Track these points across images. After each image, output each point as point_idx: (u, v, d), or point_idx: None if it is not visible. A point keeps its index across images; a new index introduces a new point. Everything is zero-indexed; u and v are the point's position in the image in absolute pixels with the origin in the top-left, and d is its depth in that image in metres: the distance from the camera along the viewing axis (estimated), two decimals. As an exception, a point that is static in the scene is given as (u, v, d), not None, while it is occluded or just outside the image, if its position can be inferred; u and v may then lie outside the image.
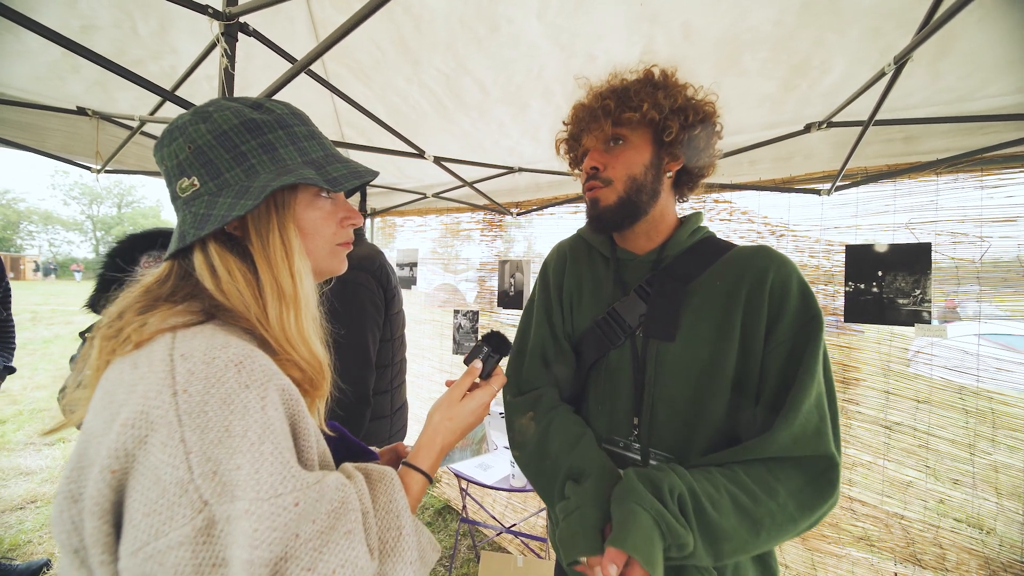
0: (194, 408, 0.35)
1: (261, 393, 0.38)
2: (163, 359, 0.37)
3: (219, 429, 0.36)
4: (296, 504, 0.36)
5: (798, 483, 0.61)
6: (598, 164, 0.75)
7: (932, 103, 1.30)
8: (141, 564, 0.33)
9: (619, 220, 0.75)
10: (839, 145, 1.53)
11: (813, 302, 0.67)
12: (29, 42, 1.37)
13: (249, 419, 0.37)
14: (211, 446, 0.35)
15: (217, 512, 0.35)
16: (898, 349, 1.52)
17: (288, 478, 0.37)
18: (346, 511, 0.41)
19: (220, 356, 0.38)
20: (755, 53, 1.25)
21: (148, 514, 0.34)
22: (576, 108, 0.80)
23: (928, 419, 1.45)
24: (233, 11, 0.99)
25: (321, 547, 0.37)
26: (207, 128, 0.46)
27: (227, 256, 0.46)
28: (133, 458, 0.35)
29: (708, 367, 0.69)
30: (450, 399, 0.62)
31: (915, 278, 1.43)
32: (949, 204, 1.43)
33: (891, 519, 1.48)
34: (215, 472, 0.35)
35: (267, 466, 0.36)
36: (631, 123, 0.72)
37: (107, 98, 1.66)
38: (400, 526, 0.46)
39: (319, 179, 0.47)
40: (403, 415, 1.59)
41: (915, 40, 0.84)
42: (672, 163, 0.76)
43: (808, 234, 1.68)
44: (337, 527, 0.39)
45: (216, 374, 0.37)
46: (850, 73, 1.23)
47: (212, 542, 0.34)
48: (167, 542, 0.33)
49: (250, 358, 0.40)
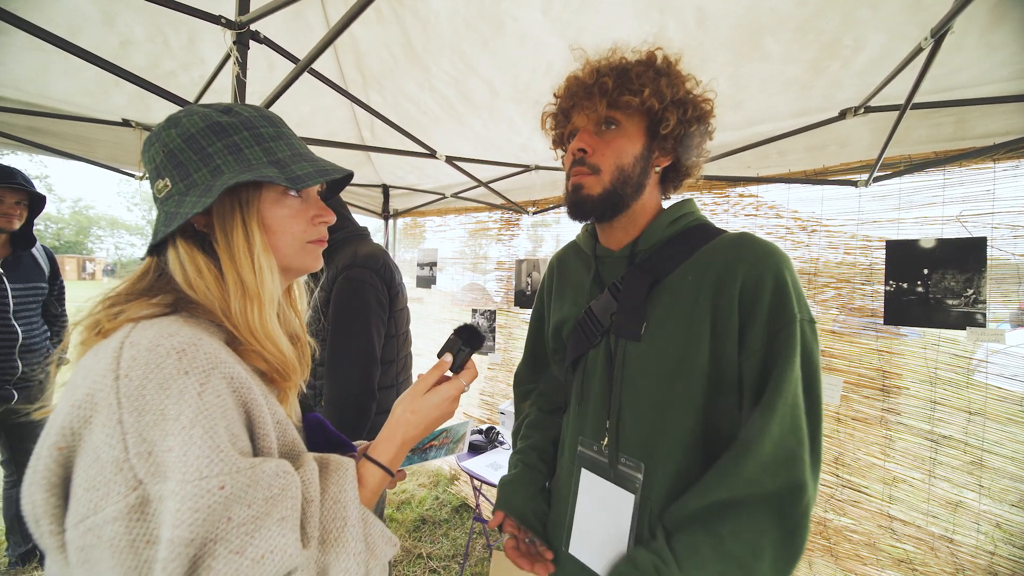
0: (133, 391, 0.37)
1: (200, 380, 0.40)
2: (115, 347, 0.40)
3: (155, 412, 0.37)
4: (222, 487, 0.37)
5: (773, 545, 0.55)
6: (587, 147, 0.69)
7: (986, 80, 1.16)
8: (82, 536, 0.36)
9: (599, 211, 0.71)
10: (879, 132, 1.40)
11: (790, 302, 0.59)
12: (77, 60, 1.49)
13: (184, 403, 0.38)
14: (147, 428, 0.37)
15: (151, 491, 0.36)
16: (947, 355, 1.38)
17: (216, 462, 0.37)
18: (284, 498, 0.41)
19: (164, 344, 0.40)
20: (778, 35, 1.16)
21: (88, 489, 0.36)
22: (570, 80, 0.73)
23: (982, 433, 1.30)
24: (244, 19, 1.03)
25: (253, 532, 0.38)
26: (177, 132, 0.48)
27: (194, 252, 0.48)
28: (80, 437, 0.37)
29: (674, 370, 0.64)
30: (415, 392, 0.61)
31: (967, 276, 1.29)
32: (1008, 194, 1.28)
33: (937, 541, 1.34)
34: (150, 453, 0.37)
35: (195, 449, 0.37)
36: (628, 108, 0.67)
37: (147, 109, 1.78)
38: (346, 516, 0.47)
39: (279, 177, 0.49)
40: None
41: (954, 7, 0.75)
42: (662, 158, 0.71)
43: (843, 229, 1.56)
44: (272, 513, 0.40)
45: (156, 360, 0.39)
46: (888, 50, 1.12)
47: (146, 519, 0.36)
48: (104, 516, 0.35)
49: (194, 346, 0.41)
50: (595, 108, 0.68)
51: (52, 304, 1.99)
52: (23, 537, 1.97)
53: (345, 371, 1.25)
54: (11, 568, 1.96)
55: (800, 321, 0.59)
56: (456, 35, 1.42)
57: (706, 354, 0.62)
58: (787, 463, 0.55)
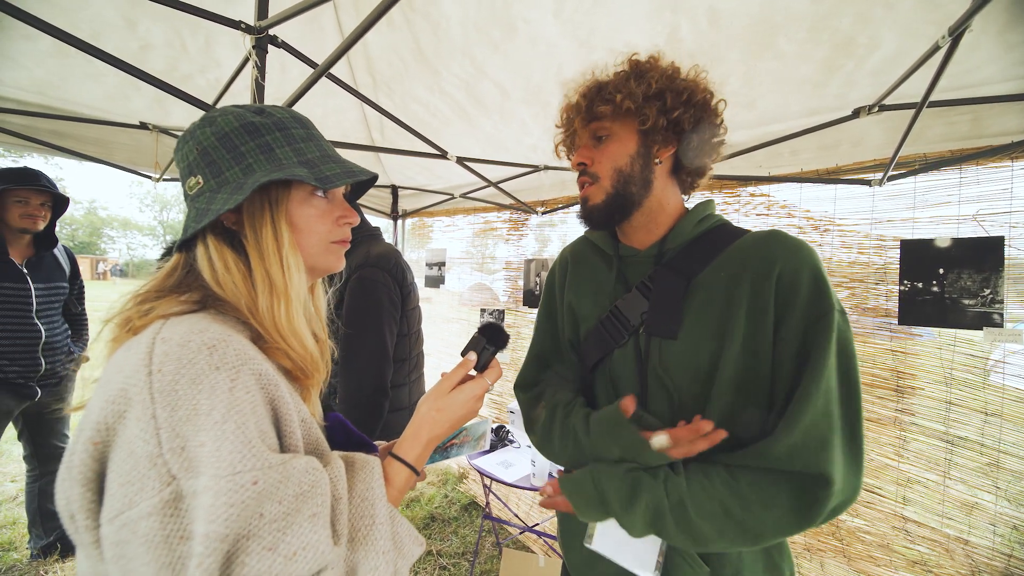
0: (166, 387, 0.37)
1: (231, 375, 0.40)
2: (147, 342, 0.40)
3: (188, 407, 0.37)
4: (255, 483, 0.37)
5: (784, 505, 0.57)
6: (585, 159, 0.74)
7: (1004, 78, 1.15)
8: (117, 531, 0.36)
9: (609, 215, 0.73)
10: (893, 130, 1.39)
11: (828, 295, 0.60)
12: (99, 65, 1.53)
13: (216, 399, 0.38)
14: (179, 423, 0.37)
15: (184, 486, 0.36)
16: (963, 355, 1.36)
17: (248, 457, 0.38)
18: (314, 495, 0.41)
19: (195, 339, 0.40)
20: (791, 34, 1.16)
21: (123, 484, 0.36)
22: (562, 111, 0.80)
23: (999, 434, 1.29)
24: (263, 24, 1.05)
25: (285, 528, 0.38)
26: (211, 131, 0.50)
27: (224, 249, 0.49)
28: (114, 432, 0.38)
29: (709, 366, 0.65)
30: (440, 390, 0.61)
31: (984, 276, 1.28)
32: (1026, 193, 1.26)
33: (952, 543, 1.33)
34: (183, 448, 0.37)
35: (228, 444, 0.37)
36: (606, 116, 0.71)
37: (164, 112, 1.82)
38: (374, 514, 0.47)
39: (309, 176, 0.49)
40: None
41: (972, 6, 0.74)
42: (663, 150, 0.72)
43: (856, 228, 1.55)
44: (302, 510, 0.40)
45: (188, 356, 0.39)
46: (903, 49, 1.11)
47: (179, 515, 0.36)
48: (138, 511, 0.35)
49: (224, 342, 0.41)
50: (585, 127, 0.74)
51: (72, 303, 2.03)
52: (45, 530, 2.02)
53: (359, 369, 1.27)
54: (33, 560, 2.01)
55: (836, 311, 0.60)
56: (467, 39, 1.43)
57: (738, 349, 0.63)
58: (816, 448, 0.56)
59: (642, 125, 0.69)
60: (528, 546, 2.35)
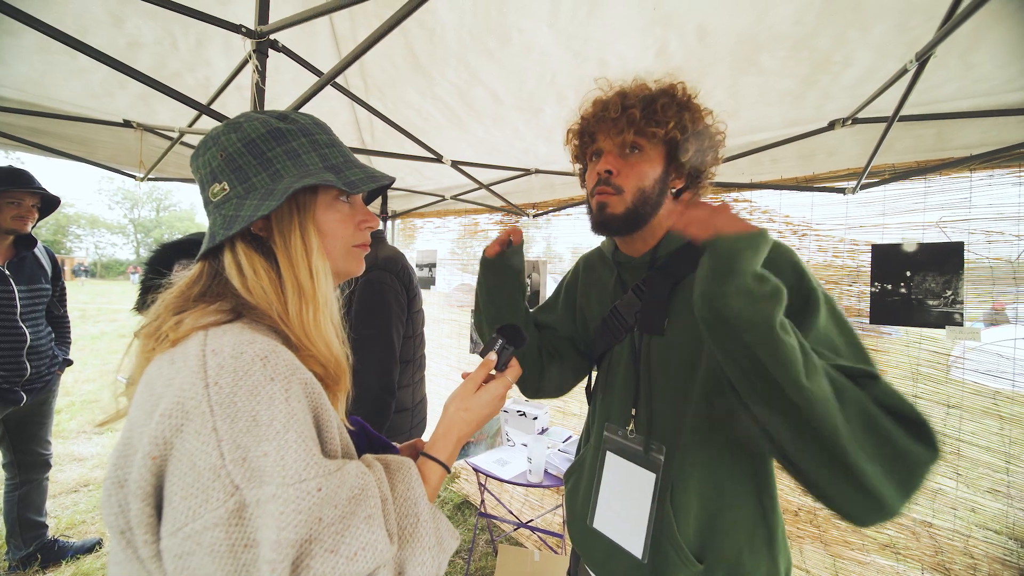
0: (224, 399, 0.38)
1: (285, 385, 0.41)
2: (196, 354, 0.40)
3: (247, 418, 0.38)
4: (319, 489, 0.39)
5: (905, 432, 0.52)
6: (613, 168, 0.75)
7: (965, 95, 1.25)
8: (181, 543, 0.36)
9: (622, 228, 0.77)
10: (865, 142, 1.48)
11: (810, 281, 0.63)
12: (84, 62, 1.49)
13: (275, 409, 0.39)
14: (240, 434, 0.37)
15: (247, 496, 0.37)
16: (927, 352, 1.47)
17: (311, 465, 0.39)
18: (366, 497, 0.43)
19: (247, 351, 0.41)
20: (774, 52, 1.23)
21: (185, 497, 0.36)
22: (596, 103, 0.79)
23: (959, 425, 1.39)
24: (264, 29, 1.05)
25: (343, 531, 0.39)
26: (237, 137, 0.49)
27: (253, 255, 0.49)
28: (171, 445, 0.38)
29: (694, 360, 0.71)
30: (465, 391, 0.63)
31: (946, 278, 1.38)
32: (983, 201, 1.37)
33: (919, 527, 1.43)
34: (244, 459, 0.37)
35: (291, 453, 0.38)
36: (653, 137, 0.73)
37: (149, 111, 1.78)
38: (418, 513, 0.48)
39: (338, 182, 0.50)
40: (423, 409, 1.66)
41: (936, 36, 0.82)
42: (678, 180, 0.78)
43: (832, 233, 1.64)
44: (357, 512, 0.41)
45: (244, 367, 0.39)
46: (875, 67, 1.20)
47: (243, 524, 0.37)
48: (203, 523, 0.36)
49: (275, 353, 0.42)
50: (621, 134, 0.74)
51: (55, 305, 1.97)
52: (24, 541, 1.95)
53: (368, 370, 1.29)
54: (11, 572, 1.94)
55: (821, 292, 0.63)
56: (462, 46, 1.46)
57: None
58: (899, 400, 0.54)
59: (682, 156, 0.73)
60: (521, 542, 2.40)
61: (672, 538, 0.70)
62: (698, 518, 0.70)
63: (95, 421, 3.88)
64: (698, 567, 0.69)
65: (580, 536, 0.85)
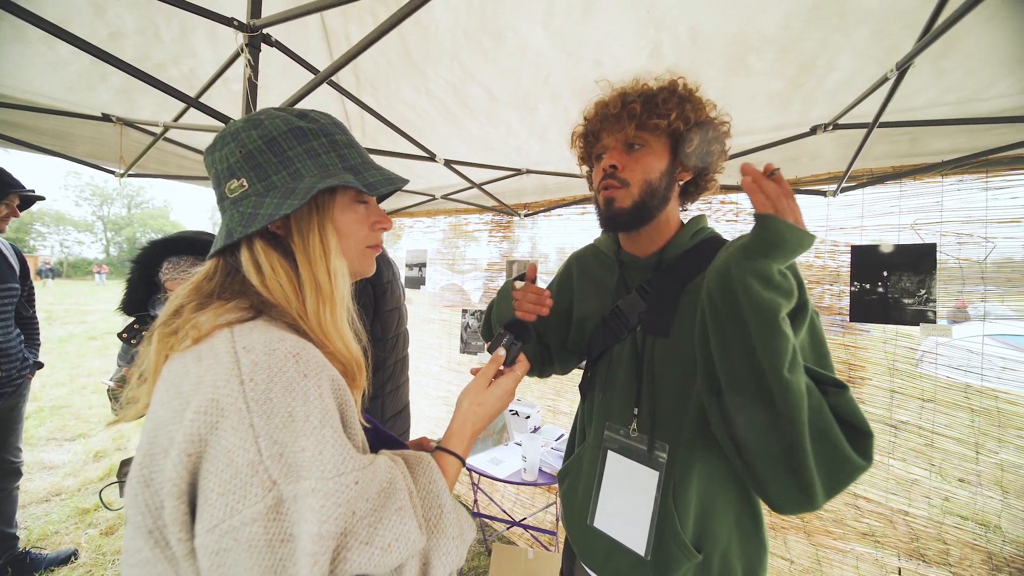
0: (260, 395, 0.38)
1: (317, 382, 0.41)
2: (227, 351, 0.40)
3: (283, 414, 0.38)
4: (356, 483, 0.40)
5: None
6: (617, 163, 0.76)
7: (938, 103, 1.31)
8: (218, 540, 0.36)
9: (630, 222, 0.78)
10: (845, 147, 1.54)
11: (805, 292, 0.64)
12: (62, 53, 1.43)
13: (310, 405, 0.40)
14: (276, 430, 0.38)
15: (284, 491, 0.37)
16: (904, 348, 1.54)
17: (348, 459, 0.40)
18: (395, 491, 0.44)
19: (279, 348, 0.41)
20: (762, 55, 1.27)
21: (223, 493, 0.36)
22: (599, 105, 0.81)
23: (933, 418, 1.46)
24: (257, 23, 1.03)
25: (375, 523, 0.40)
26: (258, 134, 0.49)
27: (271, 253, 0.49)
28: (206, 443, 0.38)
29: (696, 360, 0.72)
30: (478, 386, 0.64)
31: (920, 278, 1.45)
32: (954, 205, 1.44)
33: (896, 516, 1.50)
34: (281, 454, 0.37)
35: (329, 448, 0.39)
36: (656, 130, 0.75)
37: (131, 105, 1.72)
38: (442, 504, 0.49)
39: (358, 183, 0.51)
40: (402, 421, 1.47)
41: (916, 47, 0.86)
42: (684, 173, 0.79)
43: (814, 235, 1.70)
44: (388, 505, 0.42)
45: (277, 364, 0.40)
46: (856, 73, 1.25)
47: (280, 519, 0.37)
48: (241, 519, 0.36)
49: (305, 350, 0.43)
50: (624, 130, 0.75)
51: (23, 306, 1.88)
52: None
53: None
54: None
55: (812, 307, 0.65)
56: (456, 44, 1.46)
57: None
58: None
59: (687, 148, 0.75)
60: (513, 541, 2.40)
61: (675, 534, 0.72)
62: (696, 510, 0.72)
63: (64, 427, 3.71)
64: (698, 557, 0.71)
65: (579, 536, 0.85)
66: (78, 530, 2.34)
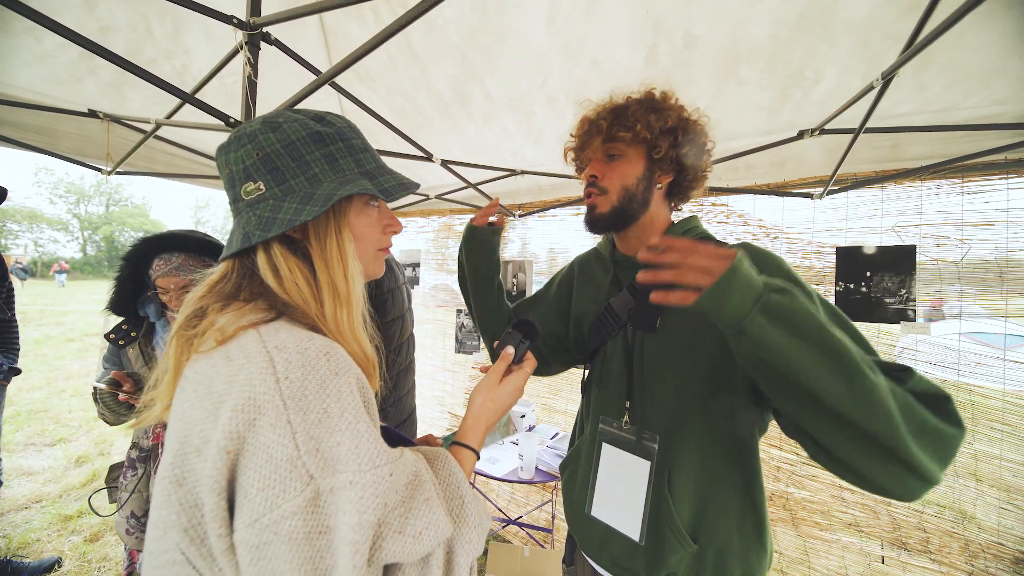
0: (296, 392, 0.39)
1: (347, 380, 0.43)
2: (259, 351, 0.41)
3: (319, 411, 0.39)
4: (391, 474, 0.41)
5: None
6: (597, 174, 0.84)
7: (919, 112, 1.37)
8: (259, 534, 0.37)
9: (611, 224, 0.84)
10: (831, 151, 1.60)
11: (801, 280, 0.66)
12: (49, 45, 1.40)
13: (343, 401, 0.41)
14: (312, 426, 0.39)
15: (321, 485, 0.38)
16: (885, 346, 1.60)
17: (382, 452, 0.42)
18: (421, 482, 0.45)
19: (310, 347, 0.42)
20: (752, 64, 1.31)
21: (263, 488, 0.37)
22: (582, 121, 0.89)
23: (913, 411, 1.53)
24: (257, 21, 1.03)
25: (406, 513, 0.42)
26: (276, 137, 0.49)
27: (289, 256, 0.49)
28: (244, 440, 0.38)
29: (685, 356, 0.76)
30: (490, 383, 0.66)
31: (901, 278, 1.51)
32: (932, 208, 1.51)
33: (878, 506, 1.56)
34: (318, 449, 0.38)
35: (364, 442, 0.40)
36: (623, 140, 0.81)
37: (120, 100, 1.68)
38: (462, 495, 0.51)
39: (375, 189, 0.52)
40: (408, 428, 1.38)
41: (901, 58, 0.90)
42: (663, 176, 0.84)
43: (801, 236, 1.76)
44: (416, 496, 0.44)
45: (310, 362, 0.41)
46: (841, 82, 1.30)
47: (318, 511, 0.38)
48: (281, 512, 0.37)
49: (334, 349, 0.44)
50: (598, 143, 0.83)
51: (0, 309, 1.82)
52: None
53: None
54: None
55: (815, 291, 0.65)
56: (459, 42, 1.47)
57: (714, 341, 0.73)
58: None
59: (655, 154, 0.79)
60: (508, 539, 2.42)
61: (670, 521, 0.74)
62: (692, 501, 0.75)
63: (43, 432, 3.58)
64: (693, 547, 0.73)
65: (578, 524, 0.89)
66: (61, 537, 2.27)
